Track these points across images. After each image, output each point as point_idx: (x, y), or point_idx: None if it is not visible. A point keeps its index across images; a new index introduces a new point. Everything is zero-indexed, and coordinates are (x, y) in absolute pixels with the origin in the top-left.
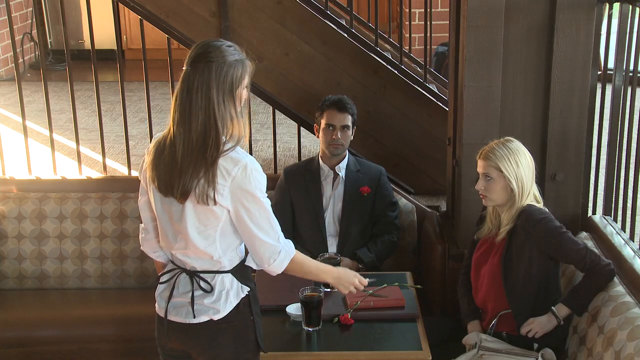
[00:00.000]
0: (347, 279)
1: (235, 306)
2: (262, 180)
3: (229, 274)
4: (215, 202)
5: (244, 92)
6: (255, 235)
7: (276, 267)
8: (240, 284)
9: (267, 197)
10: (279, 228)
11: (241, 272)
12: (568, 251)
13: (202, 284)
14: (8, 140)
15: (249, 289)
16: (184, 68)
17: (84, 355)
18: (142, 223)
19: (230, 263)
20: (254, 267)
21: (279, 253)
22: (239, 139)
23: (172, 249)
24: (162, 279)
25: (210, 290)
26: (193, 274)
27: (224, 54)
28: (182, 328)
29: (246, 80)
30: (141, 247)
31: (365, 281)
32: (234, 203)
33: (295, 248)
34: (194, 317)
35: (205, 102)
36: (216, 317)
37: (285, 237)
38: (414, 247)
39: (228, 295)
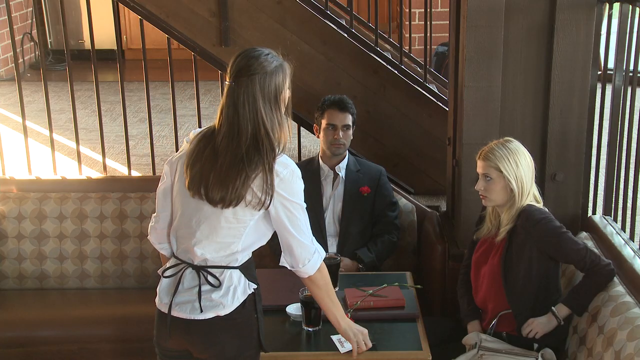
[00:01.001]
0: (358, 328)
1: (241, 303)
2: (302, 186)
3: (237, 270)
4: (265, 208)
5: (287, 94)
6: (293, 235)
7: (309, 268)
8: (247, 280)
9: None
10: (311, 230)
11: (248, 269)
12: (568, 251)
13: (209, 278)
14: (8, 140)
15: (255, 287)
16: (227, 82)
17: (84, 355)
18: (154, 213)
19: (242, 259)
20: (287, 266)
21: (313, 254)
22: (285, 145)
23: (192, 236)
24: (167, 273)
25: (219, 285)
26: (200, 269)
27: (264, 64)
28: (185, 324)
29: (288, 82)
30: (148, 236)
31: (370, 344)
32: (276, 204)
33: None
34: (201, 311)
35: (253, 114)
36: (222, 313)
37: None
38: (414, 247)
39: (236, 291)
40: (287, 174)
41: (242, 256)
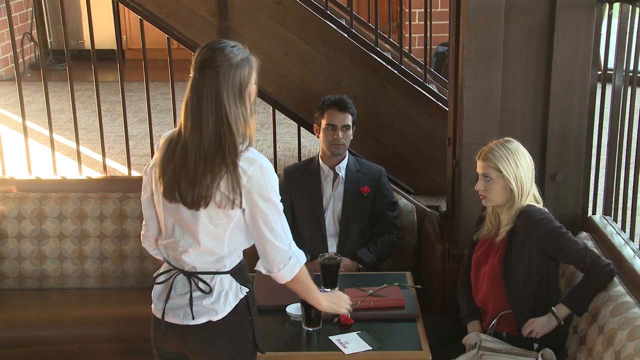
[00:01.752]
0: (342, 298)
1: (234, 307)
2: (276, 181)
3: (228, 275)
4: (237, 206)
5: (253, 89)
6: (267, 238)
7: (285, 274)
8: (239, 285)
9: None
10: (290, 234)
11: (240, 272)
12: (568, 251)
13: (200, 284)
14: (8, 140)
15: (247, 290)
16: (190, 75)
17: (84, 355)
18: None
19: (230, 264)
20: (263, 272)
21: (289, 259)
22: (251, 139)
23: (177, 246)
24: (159, 279)
25: (209, 292)
26: (191, 275)
27: (229, 56)
28: (179, 330)
29: (254, 77)
30: (142, 244)
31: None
32: (249, 204)
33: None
34: (193, 318)
35: (217, 108)
36: (215, 319)
37: None
38: (414, 247)
39: (227, 297)
40: (255, 170)
41: (231, 260)
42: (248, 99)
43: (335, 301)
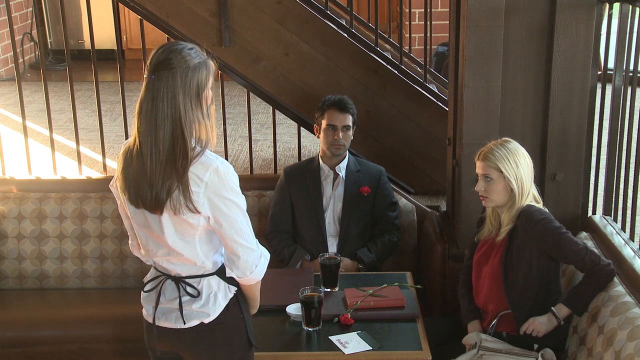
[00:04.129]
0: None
1: (225, 307)
2: (234, 180)
3: (215, 276)
4: (192, 211)
5: (209, 93)
6: (237, 241)
7: (257, 274)
8: (227, 284)
9: (244, 196)
10: (252, 232)
11: (225, 272)
12: (568, 251)
13: (188, 289)
14: (8, 140)
15: (236, 289)
16: (145, 76)
17: (83, 355)
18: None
19: (214, 265)
20: (235, 277)
21: (259, 258)
22: (207, 142)
23: (155, 256)
24: (147, 287)
25: (198, 295)
26: (179, 280)
27: (187, 58)
28: (173, 333)
29: (211, 81)
30: (133, 253)
31: None
32: (212, 210)
33: (295, 248)
34: (184, 323)
35: (172, 110)
36: (207, 321)
37: (284, 237)
38: (414, 247)
39: (216, 298)
40: (211, 176)
41: (213, 262)
42: (205, 102)
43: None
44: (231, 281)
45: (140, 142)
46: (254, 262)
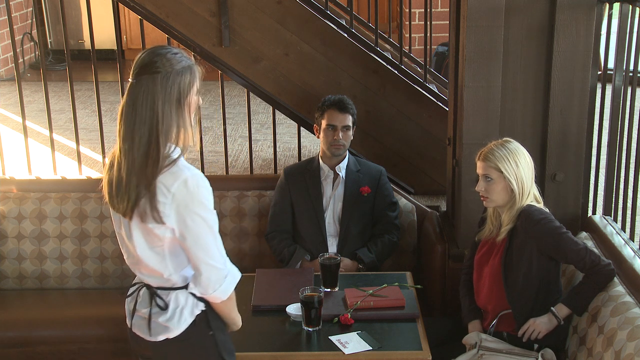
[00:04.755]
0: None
1: (191, 324)
2: (205, 194)
3: (184, 290)
4: (157, 221)
5: (194, 99)
6: (201, 258)
7: (221, 294)
8: (195, 300)
9: (215, 213)
10: (224, 250)
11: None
12: (568, 251)
13: (158, 301)
14: (8, 140)
15: (204, 305)
16: (129, 80)
17: (83, 355)
18: None
19: (183, 280)
20: (197, 293)
21: (224, 277)
22: (185, 148)
23: (129, 263)
24: (128, 292)
25: (165, 308)
26: (152, 290)
27: (171, 62)
28: (144, 342)
29: (196, 87)
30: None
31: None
32: (178, 223)
33: (295, 248)
34: (150, 335)
35: (150, 115)
36: (171, 336)
37: (284, 237)
38: (414, 247)
39: (182, 313)
40: (178, 187)
41: (179, 277)
42: (188, 108)
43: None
44: (200, 297)
45: (120, 146)
46: (217, 280)
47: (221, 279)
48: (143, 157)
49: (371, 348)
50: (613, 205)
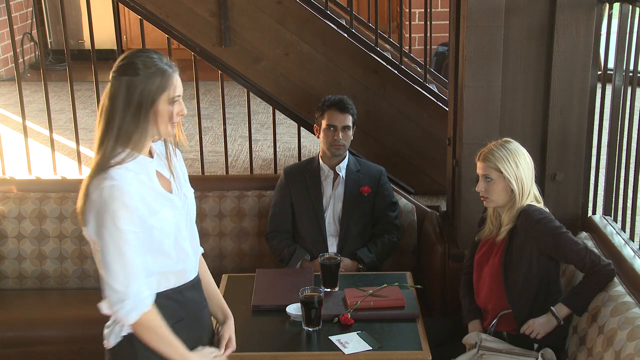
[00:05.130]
0: (207, 357)
1: (117, 343)
2: (116, 208)
3: None
4: (83, 225)
5: (165, 108)
6: (103, 275)
7: (122, 318)
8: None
9: (131, 231)
10: (137, 273)
11: None
12: (568, 251)
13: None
14: (8, 140)
15: (127, 333)
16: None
17: (84, 355)
18: None
19: None
20: (105, 310)
21: (122, 302)
22: (131, 154)
23: None
24: None
25: (109, 315)
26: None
27: (146, 64)
28: None
29: (168, 93)
30: None
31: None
32: (94, 232)
33: (295, 248)
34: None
35: (105, 116)
36: (107, 347)
37: (284, 237)
38: (414, 247)
39: (114, 329)
40: (96, 195)
41: None
42: (153, 117)
43: None
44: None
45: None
46: (115, 302)
47: (118, 302)
48: (95, 157)
49: (371, 348)
50: (613, 205)
